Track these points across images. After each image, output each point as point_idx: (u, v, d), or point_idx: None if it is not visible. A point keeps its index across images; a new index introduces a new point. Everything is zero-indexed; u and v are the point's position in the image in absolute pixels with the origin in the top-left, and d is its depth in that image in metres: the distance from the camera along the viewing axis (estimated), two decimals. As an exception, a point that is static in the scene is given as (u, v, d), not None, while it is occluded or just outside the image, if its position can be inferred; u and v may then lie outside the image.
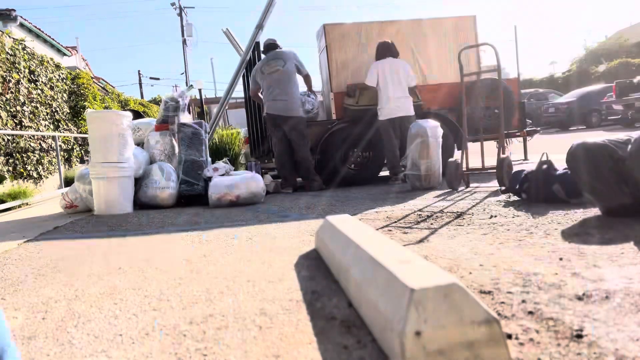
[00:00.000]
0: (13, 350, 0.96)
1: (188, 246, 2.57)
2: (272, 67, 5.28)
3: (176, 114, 5.23)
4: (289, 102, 5.23)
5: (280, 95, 5.21)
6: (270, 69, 5.28)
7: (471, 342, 0.96)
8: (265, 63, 5.34)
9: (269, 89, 5.27)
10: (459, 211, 3.03)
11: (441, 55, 5.93)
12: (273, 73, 5.26)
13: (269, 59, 5.35)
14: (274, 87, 5.24)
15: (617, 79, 14.57)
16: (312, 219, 3.19)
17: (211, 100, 12.19)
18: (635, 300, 1.29)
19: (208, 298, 1.60)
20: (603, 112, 15.61)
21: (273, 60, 5.31)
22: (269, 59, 5.35)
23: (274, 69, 5.27)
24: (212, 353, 1.17)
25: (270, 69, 5.28)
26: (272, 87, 5.25)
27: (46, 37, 17.42)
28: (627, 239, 1.95)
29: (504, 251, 1.93)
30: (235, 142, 7.65)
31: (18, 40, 7.85)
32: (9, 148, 6.98)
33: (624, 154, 2.29)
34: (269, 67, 5.30)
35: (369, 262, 1.34)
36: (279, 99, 5.21)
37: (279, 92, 5.21)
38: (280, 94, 5.21)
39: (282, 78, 5.25)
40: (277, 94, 5.21)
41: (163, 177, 4.66)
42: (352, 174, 5.68)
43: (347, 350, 1.12)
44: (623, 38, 25.28)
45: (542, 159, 3.15)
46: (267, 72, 5.29)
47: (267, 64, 5.33)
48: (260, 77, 5.38)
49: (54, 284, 1.96)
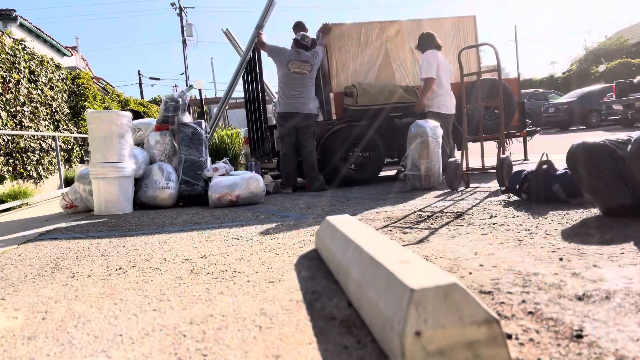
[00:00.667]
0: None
1: (188, 246, 2.57)
2: (302, 68, 5.29)
3: (176, 114, 5.23)
4: (312, 101, 5.33)
5: (304, 95, 5.28)
6: (298, 69, 5.28)
7: (471, 342, 0.96)
8: (296, 60, 5.29)
9: (291, 86, 5.27)
10: (459, 211, 3.03)
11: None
12: (301, 74, 5.28)
13: (302, 59, 5.31)
14: (298, 87, 5.27)
15: (617, 79, 14.58)
16: (312, 219, 3.19)
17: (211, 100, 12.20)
18: (635, 300, 1.29)
19: (208, 298, 1.60)
20: (603, 112, 15.63)
21: (304, 63, 5.30)
22: (302, 59, 5.31)
23: (302, 71, 5.29)
24: (212, 353, 1.17)
25: (299, 69, 5.28)
26: (296, 86, 5.27)
27: (46, 37, 17.43)
28: (627, 239, 1.95)
29: (504, 251, 1.93)
30: (235, 142, 7.66)
31: (18, 41, 7.85)
32: (9, 148, 6.98)
33: (624, 154, 2.29)
34: (296, 67, 5.28)
35: (369, 262, 1.34)
36: (303, 99, 5.27)
37: (304, 93, 5.29)
38: (304, 94, 5.29)
39: (308, 80, 5.34)
40: (301, 94, 5.27)
41: (163, 177, 4.66)
42: (352, 174, 5.68)
43: (347, 351, 1.12)
44: (623, 38, 25.29)
45: (542, 159, 3.15)
46: (293, 71, 5.28)
47: (296, 63, 5.29)
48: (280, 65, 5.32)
49: (54, 284, 1.96)
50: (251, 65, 6.17)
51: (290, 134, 5.33)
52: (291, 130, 5.32)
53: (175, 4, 28.44)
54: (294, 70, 5.27)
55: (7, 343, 1.33)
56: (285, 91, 5.31)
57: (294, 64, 5.28)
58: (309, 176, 5.34)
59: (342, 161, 5.63)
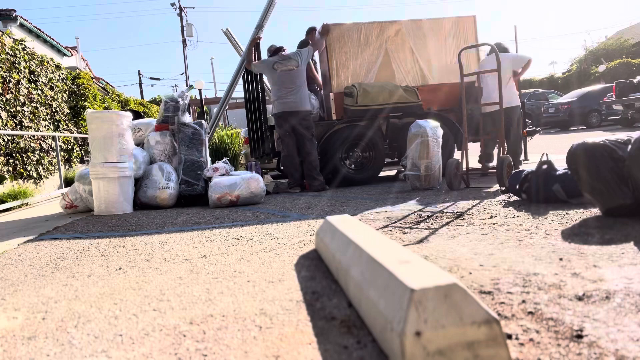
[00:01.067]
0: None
1: (188, 246, 2.57)
2: (286, 64, 5.31)
3: (176, 114, 5.23)
4: (300, 97, 5.32)
5: (295, 92, 5.28)
6: (283, 67, 5.30)
7: (471, 343, 0.96)
8: (278, 62, 5.35)
9: (281, 85, 5.29)
10: (459, 211, 3.03)
11: (441, 55, 5.94)
12: (289, 70, 5.30)
13: (284, 58, 5.36)
14: (288, 84, 5.29)
15: (617, 79, 14.57)
16: (312, 219, 3.19)
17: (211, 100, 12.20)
18: (635, 300, 1.29)
19: (208, 298, 1.60)
20: (603, 112, 15.63)
21: (286, 60, 5.34)
22: (284, 58, 5.36)
23: (290, 67, 5.30)
24: (212, 353, 1.17)
25: (284, 66, 5.30)
26: (285, 84, 5.29)
27: (46, 37, 17.43)
28: (627, 239, 1.95)
29: (504, 251, 1.93)
30: (235, 142, 7.65)
31: (18, 41, 7.85)
32: (9, 148, 6.98)
33: (624, 154, 2.29)
34: (282, 65, 5.31)
35: (369, 262, 1.34)
36: (294, 96, 5.28)
37: (294, 90, 5.29)
38: (295, 90, 5.29)
39: (297, 76, 5.34)
40: (292, 91, 5.28)
41: (163, 177, 4.66)
42: (352, 174, 5.68)
43: (347, 351, 1.12)
44: (623, 38, 25.29)
45: (542, 159, 3.15)
46: (281, 70, 5.30)
47: (281, 62, 5.33)
48: (268, 70, 5.39)
49: (54, 284, 1.96)
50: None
51: (289, 134, 5.33)
52: (289, 131, 5.32)
53: (175, 4, 28.44)
54: (281, 70, 5.31)
55: (7, 343, 1.33)
56: (276, 92, 5.35)
57: (279, 64, 5.34)
58: (309, 176, 5.34)
59: (342, 161, 5.63)
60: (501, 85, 4.33)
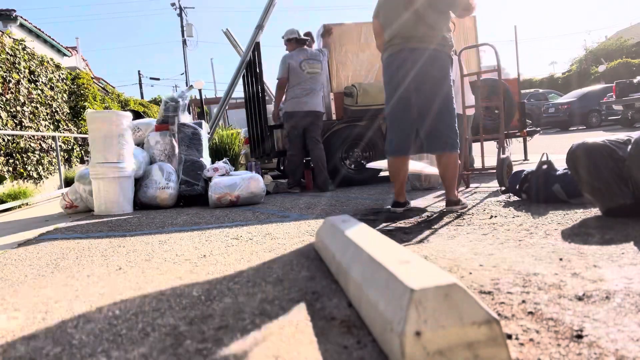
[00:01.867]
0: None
1: (188, 246, 2.57)
2: (313, 67, 5.28)
3: (176, 114, 5.23)
4: (318, 99, 5.32)
5: (311, 94, 5.26)
6: (311, 69, 5.27)
7: (471, 343, 0.96)
8: (306, 61, 5.29)
9: (305, 86, 5.24)
10: (459, 211, 3.03)
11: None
12: (314, 74, 5.28)
13: (311, 58, 5.31)
14: (312, 86, 5.26)
15: (617, 79, 14.58)
16: (312, 219, 3.19)
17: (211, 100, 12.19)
18: (635, 300, 1.29)
19: (208, 298, 1.60)
20: (603, 112, 15.64)
21: (314, 61, 5.30)
22: (311, 58, 5.31)
23: (315, 70, 5.28)
24: (212, 353, 1.17)
25: (312, 69, 5.27)
26: (310, 85, 5.26)
27: (46, 37, 17.44)
28: (627, 239, 1.95)
29: (504, 251, 1.93)
30: (235, 142, 7.66)
31: (18, 41, 7.85)
32: (9, 148, 6.98)
33: (624, 154, 2.29)
34: (309, 67, 5.27)
35: (369, 262, 1.34)
36: (309, 98, 5.25)
37: (316, 91, 5.28)
38: (316, 92, 5.29)
39: (320, 78, 5.34)
40: (309, 93, 5.25)
41: (163, 177, 4.66)
42: (352, 174, 5.68)
43: (347, 351, 1.12)
44: (623, 38, 25.30)
45: (542, 159, 3.15)
46: (307, 71, 5.26)
47: (308, 62, 5.29)
48: (297, 72, 5.27)
49: (54, 284, 1.96)
50: (251, 66, 6.17)
51: (299, 135, 5.29)
52: (300, 131, 5.28)
53: (175, 4, 28.46)
54: (307, 71, 5.25)
55: (7, 343, 1.33)
56: (295, 90, 5.26)
57: (306, 64, 5.26)
58: (318, 172, 5.31)
59: (342, 161, 5.63)
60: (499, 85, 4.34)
